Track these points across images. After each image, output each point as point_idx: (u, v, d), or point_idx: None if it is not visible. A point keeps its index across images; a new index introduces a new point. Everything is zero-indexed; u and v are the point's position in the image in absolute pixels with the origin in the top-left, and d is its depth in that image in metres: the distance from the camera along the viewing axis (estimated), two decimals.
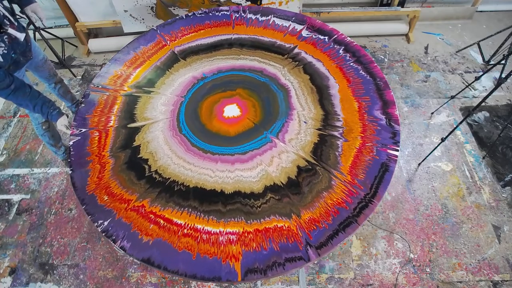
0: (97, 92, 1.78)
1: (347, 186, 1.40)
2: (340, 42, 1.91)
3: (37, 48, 2.07)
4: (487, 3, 3.37)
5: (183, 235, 1.31)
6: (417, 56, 3.11)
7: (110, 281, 2.05)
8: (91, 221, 1.36)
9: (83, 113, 1.71)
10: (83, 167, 1.52)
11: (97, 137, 1.63)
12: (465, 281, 1.95)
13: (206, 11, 2.11)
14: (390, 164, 1.43)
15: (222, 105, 1.74)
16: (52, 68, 2.26)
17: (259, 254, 1.25)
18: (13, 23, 1.67)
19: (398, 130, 1.53)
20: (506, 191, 2.27)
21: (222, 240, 1.29)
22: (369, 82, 1.71)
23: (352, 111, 1.63)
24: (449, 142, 2.51)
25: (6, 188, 2.48)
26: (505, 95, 2.77)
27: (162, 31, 2.04)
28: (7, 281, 2.09)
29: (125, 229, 1.33)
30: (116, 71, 1.87)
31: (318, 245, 1.25)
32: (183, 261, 1.25)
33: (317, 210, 1.34)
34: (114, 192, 1.44)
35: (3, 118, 2.90)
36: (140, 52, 1.96)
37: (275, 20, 2.05)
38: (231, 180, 1.46)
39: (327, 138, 1.55)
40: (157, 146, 1.60)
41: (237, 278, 1.20)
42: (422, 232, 2.13)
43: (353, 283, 1.97)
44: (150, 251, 1.27)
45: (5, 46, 1.61)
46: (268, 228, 1.31)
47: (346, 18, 3.26)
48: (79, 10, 3.05)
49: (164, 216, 1.37)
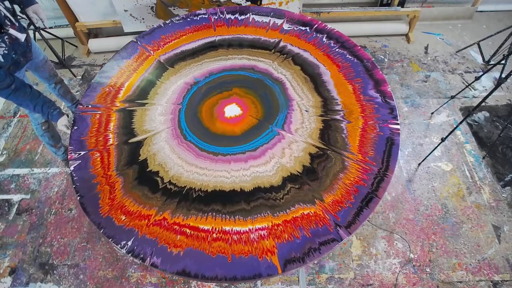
0: (87, 113, 1.72)
1: (360, 164, 1.46)
2: (322, 31, 1.97)
3: (37, 49, 2.07)
4: (487, 3, 3.37)
5: (213, 239, 1.30)
6: (417, 56, 3.11)
7: (110, 281, 2.05)
8: (114, 243, 1.30)
9: (77, 136, 1.64)
10: (91, 191, 1.45)
11: (99, 157, 1.57)
12: (465, 281, 1.95)
13: (183, 17, 2.08)
14: (395, 138, 1.50)
15: (221, 106, 1.74)
16: (52, 68, 2.26)
17: (293, 243, 1.27)
18: (14, 24, 1.67)
19: (394, 105, 1.61)
20: (506, 191, 2.27)
21: (253, 237, 1.30)
22: (357, 64, 1.79)
23: (348, 94, 1.69)
24: (449, 142, 2.51)
25: (6, 188, 2.48)
26: (505, 95, 2.77)
27: (143, 41, 2.00)
28: (7, 281, 2.09)
29: (151, 245, 1.29)
30: (104, 88, 1.81)
31: (346, 224, 1.30)
32: (219, 265, 1.23)
33: (337, 192, 1.39)
34: (131, 210, 1.40)
35: (3, 118, 2.90)
36: (124, 66, 1.91)
37: (254, 18, 2.07)
38: (248, 177, 1.47)
39: (330, 123, 1.61)
40: (164, 157, 1.56)
41: (277, 271, 1.21)
42: (422, 232, 2.13)
43: (353, 283, 1.97)
44: (183, 262, 1.25)
45: (6, 46, 1.61)
46: (296, 217, 1.33)
47: (346, 18, 3.26)
48: (79, 10, 3.05)
49: (189, 224, 1.34)
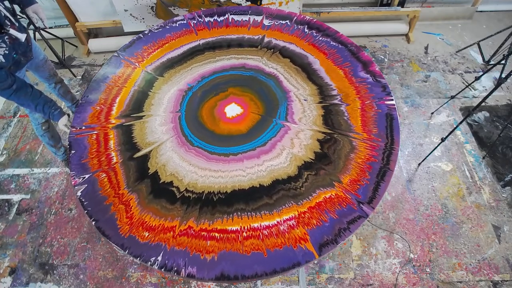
0: (82, 134, 1.65)
1: (367, 142, 1.53)
2: (302, 22, 2.02)
3: (37, 49, 2.07)
4: (487, 3, 3.37)
5: (244, 238, 1.30)
6: (417, 56, 3.11)
7: (110, 281, 2.05)
8: (143, 261, 1.27)
9: (77, 160, 1.57)
10: (106, 213, 1.40)
11: (106, 178, 1.51)
12: (465, 281, 1.95)
13: (162, 25, 2.06)
14: (393, 113, 1.60)
15: (221, 107, 1.73)
16: (52, 68, 2.26)
17: (322, 227, 1.30)
18: (14, 24, 1.67)
19: (386, 82, 1.70)
20: (506, 191, 2.27)
21: (283, 228, 1.31)
22: (342, 50, 1.87)
23: (340, 78, 1.76)
24: (449, 142, 2.51)
25: (6, 188, 2.48)
26: (505, 95, 2.77)
27: (125, 55, 1.96)
28: (7, 281, 2.09)
29: (183, 256, 1.27)
30: (94, 108, 1.75)
31: (368, 200, 1.35)
32: (257, 262, 1.24)
33: (352, 171, 1.45)
34: (153, 224, 1.36)
35: (3, 118, 2.90)
36: (111, 81, 1.85)
37: (233, 17, 2.08)
38: (264, 172, 1.49)
39: (330, 108, 1.67)
40: (175, 166, 1.54)
41: (314, 256, 1.23)
42: (422, 232, 2.13)
43: (353, 283, 1.97)
44: (220, 267, 1.24)
45: (6, 46, 1.61)
46: (319, 202, 1.37)
47: (346, 18, 3.26)
48: (79, 10, 3.05)
49: (217, 228, 1.34)
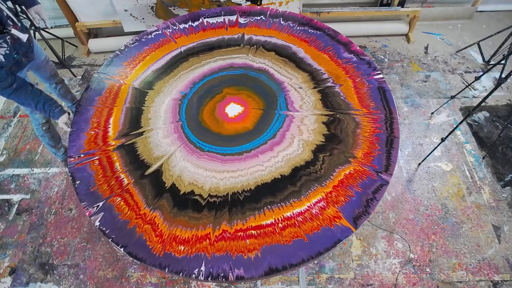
0: (82, 163, 1.57)
1: (368, 116, 1.61)
2: (276, 15, 2.07)
3: (39, 49, 2.07)
4: (487, 3, 3.37)
5: (281, 229, 1.32)
6: (417, 56, 3.11)
7: (110, 281, 2.05)
8: (186, 276, 1.24)
9: (85, 190, 1.48)
10: (133, 237, 1.34)
11: (122, 201, 1.44)
12: (465, 281, 1.95)
13: (137, 38, 2.01)
14: (383, 85, 1.69)
15: (221, 109, 1.73)
16: (53, 68, 2.26)
17: (351, 202, 1.36)
18: (16, 24, 1.67)
19: (369, 59, 1.80)
20: (506, 191, 2.27)
21: (315, 211, 1.35)
22: (321, 35, 1.95)
23: (327, 62, 1.84)
24: (449, 142, 2.51)
25: (6, 188, 2.48)
26: (505, 95, 2.77)
27: (107, 74, 1.88)
28: (7, 281, 2.09)
29: (226, 261, 1.26)
30: (88, 133, 1.67)
31: (385, 168, 1.43)
32: (300, 249, 1.26)
33: (363, 146, 1.52)
34: (186, 237, 1.33)
35: (3, 118, 2.90)
36: (99, 103, 1.78)
37: (208, 21, 2.08)
38: (282, 162, 1.51)
39: (326, 91, 1.73)
40: (192, 174, 1.51)
41: (351, 231, 1.28)
42: (422, 232, 2.13)
43: (353, 283, 1.97)
44: (266, 262, 1.24)
45: (8, 46, 1.61)
46: (341, 180, 1.42)
47: (346, 18, 3.26)
48: (79, 10, 3.05)
49: (252, 226, 1.34)
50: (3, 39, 1.58)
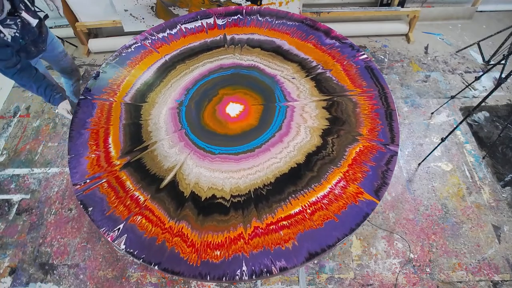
0: (90, 189, 1.48)
1: (363, 95, 1.67)
2: (252, 13, 2.09)
3: (55, 41, 2.13)
4: (487, 3, 3.37)
5: (311, 214, 1.34)
6: (417, 56, 3.11)
7: (110, 281, 2.05)
8: (230, 279, 1.24)
9: (100, 216, 1.41)
10: (164, 253, 1.31)
11: (143, 219, 1.39)
12: (465, 281, 1.95)
13: (117, 54, 1.96)
14: (370, 64, 1.77)
15: (221, 110, 1.73)
16: (72, 63, 2.33)
17: (368, 176, 1.42)
18: (29, 10, 1.72)
19: (350, 42, 1.88)
20: (506, 191, 2.27)
21: (338, 192, 1.39)
22: (300, 26, 2.00)
23: (312, 51, 1.89)
24: (449, 142, 2.51)
25: (6, 188, 2.48)
26: (505, 95, 2.78)
27: (95, 94, 1.80)
28: (7, 281, 2.09)
29: (266, 256, 1.26)
30: (89, 157, 1.59)
31: (391, 140, 1.50)
32: (333, 229, 1.29)
33: (366, 123, 1.58)
34: (219, 241, 1.32)
35: (3, 118, 2.90)
36: (92, 125, 1.70)
37: (186, 26, 2.07)
38: (294, 152, 1.54)
39: (318, 77, 1.79)
40: (209, 179, 1.49)
41: (375, 203, 1.34)
42: (422, 232, 2.13)
43: (353, 283, 1.97)
44: (305, 247, 1.27)
45: (17, 29, 1.67)
46: (354, 158, 1.48)
47: (346, 18, 3.26)
48: (79, 10, 3.05)
49: (281, 217, 1.35)
50: (14, 21, 1.64)
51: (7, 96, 3.06)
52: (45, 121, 2.85)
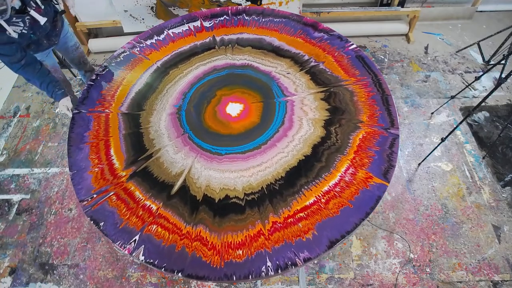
0: (98, 203, 1.44)
1: (358, 83, 1.72)
2: (238, 13, 2.11)
3: (69, 34, 2.20)
4: (487, 3, 3.37)
5: (325, 203, 1.37)
6: (417, 56, 3.11)
7: (110, 281, 2.05)
8: (256, 277, 1.24)
9: (114, 230, 1.36)
10: (185, 259, 1.29)
11: (159, 228, 1.37)
12: (465, 281, 1.95)
13: (105, 65, 1.92)
14: (360, 53, 1.82)
15: (222, 111, 1.73)
16: (82, 56, 2.39)
17: (375, 161, 1.46)
18: (39, 7, 1.76)
19: (338, 33, 1.93)
20: (506, 191, 2.27)
21: (348, 179, 1.44)
22: (288, 22, 2.03)
23: (303, 45, 1.93)
24: (449, 142, 2.51)
25: (6, 188, 2.48)
26: (505, 95, 2.77)
27: (89, 107, 1.76)
28: (7, 281, 2.09)
29: (288, 249, 1.27)
30: (92, 171, 1.54)
31: (390, 124, 1.57)
32: (351, 215, 1.32)
33: (365, 110, 1.63)
34: (240, 240, 1.32)
35: (3, 118, 2.90)
36: (91, 138, 1.65)
37: (173, 31, 2.07)
38: (300, 144, 1.57)
39: (312, 70, 1.82)
40: (219, 180, 1.49)
41: (385, 185, 1.39)
42: (422, 232, 2.13)
43: (353, 283, 1.97)
44: (325, 236, 1.29)
45: (24, 26, 1.71)
46: (359, 145, 1.53)
47: (346, 18, 3.26)
48: (79, 10, 3.05)
49: (297, 209, 1.38)
50: (21, 18, 1.68)
51: (7, 96, 3.07)
52: (45, 121, 2.85)
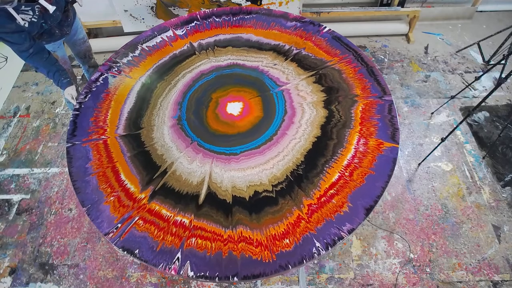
0: (126, 232, 1.37)
1: (342, 61, 1.83)
2: (207, 16, 2.15)
3: (79, 27, 2.24)
4: (487, 3, 3.37)
5: (350, 176, 1.45)
6: (417, 56, 3.11)
7: (110, 281, 2.05)
8: (309, 259, 1.26)
9: (152, 253, 1.31)
10: (235, 262, 1.27)
11: (198, 239, 1.35)
12: (465, 281, 1.95)
13: (86, 91, 1.84)
14: (335, 34, 1.94)
15: (223, 113, 1.72)
16: (88, 51, 2.42)
17: (380, 127, 1.57)
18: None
19: (308, 19, 2.03)
20: (506, 191, 2.27)
21: (362, 149, 1.52)
22: (259, 17, 2.10)
23: (280, 35, 2.01)
24: (449, 142, 2.51)
25: (6, 188, 2.48)
26: (505, 95, 2.77)
27: (83, 137, 1.67)
28: (7, 281, 2.09)
29: (331, 225, 1.32)
30: (107, 201, 1.46)
31: (382, 92, 1.69)
32: (374, 180, 1.41)
33: (356, 84, 1.74)
34: (282, 230, 1.33)
35: (3, 118, 2.90)
36: (95, 169, 1.57)
37: (147, 45, 2.02)
38: (309, 128, 1.63)
39: (297, 58, 1.90)
40: (243, 178, 1.49)
41: (396, 147, 1.49)
42: (422, 232, 2.13)
43: (353, 283, 1.97)
44: (359, 205, 1.35)
45: (34, 14, 1.73)
46: (361, 116, 1.62)
47: (346, 18, 3.26)
48: (79, 10, 3.03)
49: (327, 187, 1.44)
50: (31, 7, 1.70)
51: (7, 96, 3.07)
52: (45, 121, 2.85)
